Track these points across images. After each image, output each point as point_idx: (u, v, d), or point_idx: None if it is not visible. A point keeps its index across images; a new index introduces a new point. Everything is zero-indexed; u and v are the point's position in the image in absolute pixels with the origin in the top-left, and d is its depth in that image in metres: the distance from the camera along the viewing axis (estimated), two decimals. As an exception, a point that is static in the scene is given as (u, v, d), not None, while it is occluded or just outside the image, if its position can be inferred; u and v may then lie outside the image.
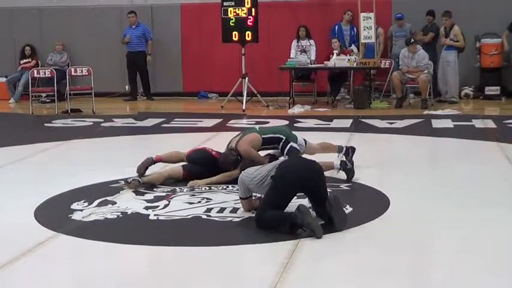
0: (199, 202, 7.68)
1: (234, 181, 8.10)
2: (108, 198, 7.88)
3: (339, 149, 9.10)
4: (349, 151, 9.05)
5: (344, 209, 6.88)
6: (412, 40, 15.52)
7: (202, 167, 8.67)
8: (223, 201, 7.65)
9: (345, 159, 8.79)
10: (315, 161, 7.18)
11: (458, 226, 6.75)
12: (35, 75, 16.42)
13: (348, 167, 8.58)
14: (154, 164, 8.88)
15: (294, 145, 8.55)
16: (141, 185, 8.34)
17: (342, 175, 8.58)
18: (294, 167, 6.82)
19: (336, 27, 17.04)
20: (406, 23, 16.85)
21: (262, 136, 8.56)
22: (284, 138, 8.59)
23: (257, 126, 9.09)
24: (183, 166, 8.77)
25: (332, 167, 8.61)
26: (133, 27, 17.67)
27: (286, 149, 8.43)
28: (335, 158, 8.87)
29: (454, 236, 6.50)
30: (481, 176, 8.90)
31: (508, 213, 7.22)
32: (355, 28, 16.87)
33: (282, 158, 7.01)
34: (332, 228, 6.49)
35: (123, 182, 8.41)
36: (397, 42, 16.76)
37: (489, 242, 6.31)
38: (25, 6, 18.59)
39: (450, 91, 16.10)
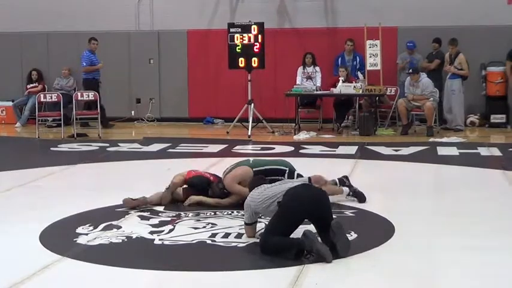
0: (204, 227, 7.68)
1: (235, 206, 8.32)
2: (113, 222, 7.89)
3: (333, 183, 9.04)
4: (344, 180, 9.07)
5: (348, 235, 6.87)
6: (411, 70, 15.56)
7: (201, 192, 8.76)
8: (228, 227, 7.66)
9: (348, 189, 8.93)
10: (321, 189, 7.20)
11: (462, 253, 6.74)
12: (42, 99, 16.47)
13: (356, 191, 8.83)
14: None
15: (301, 173, 8.61)
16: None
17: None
18: (301, 194, 6.78)
19: (340, 58, 17.10)
20: (416, 52, 16.87)
21: (263, 168, 8.62)
22: (287, 169, 8.70)
23: (251, 159, 9.11)
24: (183, 189, 8.86)
25: (340, 193, 8.82)
26: None
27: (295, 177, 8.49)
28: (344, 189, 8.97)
29: (458, 263, 6.48)
30: (485, 204, 8.89)
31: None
32: (357, 57, 16.93)
33: (287, 185, 6.97)
34: (335, 254, 6.48)
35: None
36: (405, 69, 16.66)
37: (493, 269, 6.29)
38: (32, 31, 18.69)
39: (455, 119, 16.11)
